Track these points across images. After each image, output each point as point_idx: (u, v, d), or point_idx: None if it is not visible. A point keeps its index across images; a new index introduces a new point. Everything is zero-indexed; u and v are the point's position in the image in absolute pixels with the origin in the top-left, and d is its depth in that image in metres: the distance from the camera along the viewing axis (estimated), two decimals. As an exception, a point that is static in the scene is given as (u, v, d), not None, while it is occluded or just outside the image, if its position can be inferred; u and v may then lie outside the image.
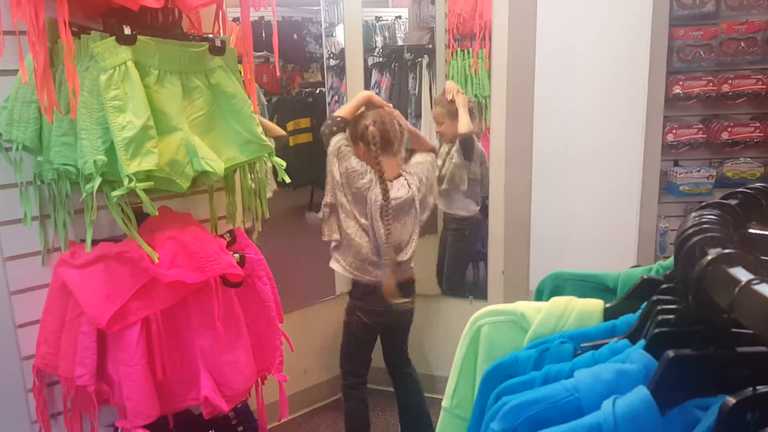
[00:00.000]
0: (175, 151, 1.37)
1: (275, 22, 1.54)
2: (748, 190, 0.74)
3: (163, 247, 1.41)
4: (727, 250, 0.55)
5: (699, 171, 2.49)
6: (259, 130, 1.52)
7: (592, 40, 2.36)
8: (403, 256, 2.24)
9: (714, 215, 0.67)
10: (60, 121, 1.37)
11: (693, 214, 0.68)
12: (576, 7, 2.36)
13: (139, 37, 1.33)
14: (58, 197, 1.54)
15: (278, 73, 2.27)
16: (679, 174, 2.50)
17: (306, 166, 3.10)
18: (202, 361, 1.51)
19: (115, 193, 1.29)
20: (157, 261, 1.39)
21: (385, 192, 2.14)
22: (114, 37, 1.29)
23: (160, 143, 1.33)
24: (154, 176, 1.34)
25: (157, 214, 1.36)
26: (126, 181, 1.27)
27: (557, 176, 2.49)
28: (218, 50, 1.46)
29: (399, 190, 2.20)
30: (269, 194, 1.84)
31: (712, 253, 0.56)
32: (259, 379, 1.71)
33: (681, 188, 2.49)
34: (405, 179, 2.23)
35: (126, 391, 1.44)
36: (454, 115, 2.62)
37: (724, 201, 0.72)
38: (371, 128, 2.15)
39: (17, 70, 1.40)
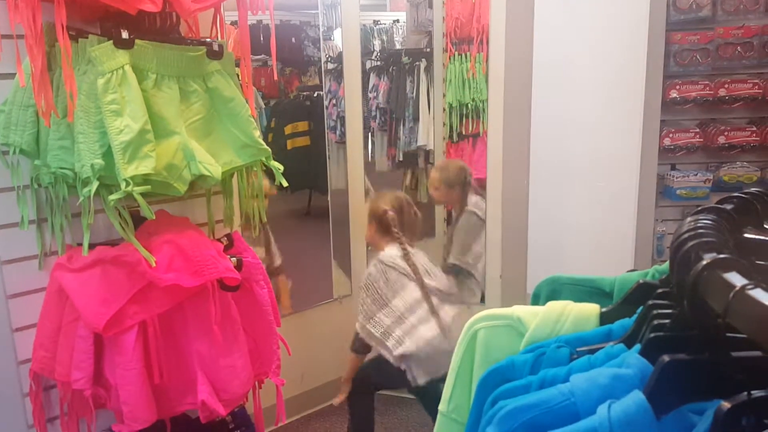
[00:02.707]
0: (172, 155, 1.37)
1: (273, 25, 1.54)
2: (743, 195, 0.75)
3: (160, 251, 1.41)
4: (721, 255, 0.56)
5: (696, 175, 2.50)
6: (257, 134, 1.53)
7: (589, 45, 2.36)
8: None
9: (709, 220, 0.67)
10: (57, 124, 1.37)
11: (688, 219, 0.68)
12: (573, 12, 2.36)
13: (136, 41, 1.33)
14: (55, 201, 1.54)
15: (275, 77, 2.26)
16: (676, 178, 2.50)
17: (304, 170, 3.11)
18: (199, 365, 1.50)
19: (112, 197, 1.29)
20: (154, 265, 1.39)
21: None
22: (111, 41, 1.30)
23: (157, 147, 1.33)
24: (152, 180, 1.34)
25: (154, 218, 1.36)
26: (123, 185, 1.27)
27: (555, 180, 2.50)
28: (216, 54, 1.47)
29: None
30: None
31: (707, 258, 0.56)
32: (256, 383, 1.70)
33: (678, 192, 2.50)
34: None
35: (123, 395, 1.44)
36: (451, 184, 2.72)
37: (720, 206, 0.72)
38: (390, 214, 2.22)
39: (15, 74, 1.40)
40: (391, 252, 2.22)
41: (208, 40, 1.52)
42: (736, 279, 0.52)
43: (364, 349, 2.26)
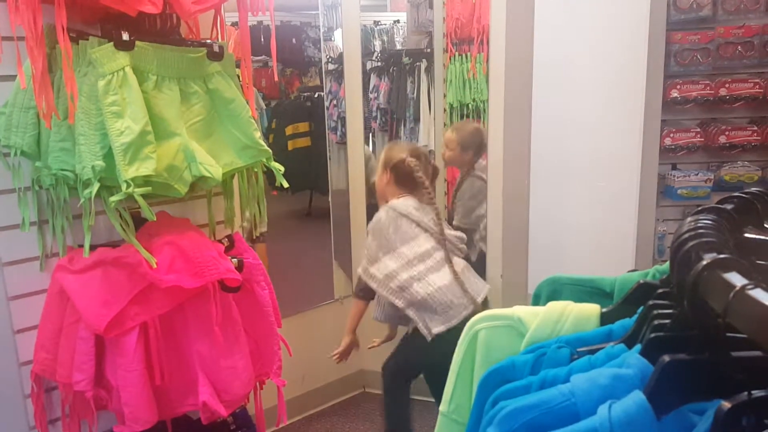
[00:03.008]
0: (173, 156, 1.37)
1: (273, 26, 1.54)
2: (743, 195, 0.75)
3: (161, 252, 1.41)
4: (722, 255, 0.55)
5: (697, 174, 2.49)
6: (257, 135, 1.53)
7: (589, 45, 2.36)
8: None
9: (710, 220, 0.67)
10: (58, 126, 1.37)
11: (689, 219, 0.68)
12: (573, 12, 2.36)
13: (137, 42, 1.34)
14: (56, 202, 1.54)
15: (276, 78, 2.26)
16: (677, 177, 2.50)
17: (305, 171, 3.11)
18: (200, 366, 1.51)
19: (113, 199, 1.29)
20: (155, 266, 1.39)
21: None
22: (112, 43, 1.30)
23: (158, 148, 1.33)
24: (152, 181, 1.34)
25: (155, 219, 1.37)
26: (124, 187, 1.27)
27: (555, 180, 2.49)
28: (216, 55, 1.47)
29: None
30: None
31: (707, 258, 0.56)
32: (257, 384, 1.71)
33: (679, 192, 2.49)
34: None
35: (124, 396, 1.44)
36: (466, 146, 2.67)
37: (720, 206, 0.72)
38: (410, 160, 2.13)
39: (15, 76, 1.41)
40: (406, 202, 2.14)
41: (208, 41, 1.52)
42: (736, 279, 0.52)
43: (366, 294, 2.20)
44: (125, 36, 1.32)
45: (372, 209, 2.95)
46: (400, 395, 2.29)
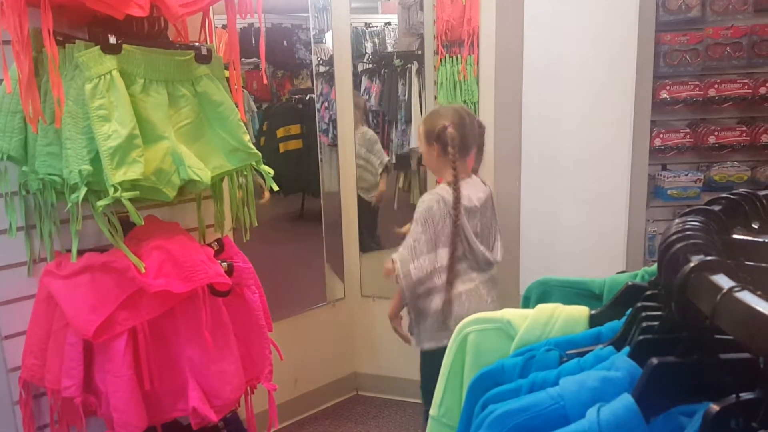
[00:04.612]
0: (161, 159, 1.36)
1: (262, 28, 1.54)
2: (731, 196, 0.75)
3: (150, 256, 1.40)
4: (709, 258, 0.55)
5: (687, 175, 2.50)
6: (246, 138, 1.52)
7: (579, 46, 2.37)
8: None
9: (697, 221, 0.67)
10: (45, 130, 1.36)
11: (676, 220, 0.68)
12: (563, 13, 2.37)
13: (124, 46, 1.33)
14: (43, 207, 1.53)
15: (265, 80, 2.25)
16: (667, 178, 2.50)
17: (296, 173, 3.09)
18: (190, 371, 1.50)
19: (100, 203, 1.28)
20: (143, 271, 1.38)
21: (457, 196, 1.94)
22: (99, 47, 1.29)
23: (146, 152, 1.33)
24: (140, 185, 1.33)
25: (143, 224, 1.36)
26: (111, 191, 1.26)
27: (546, 181, 2.50)
28: (204, 58, 1.46)
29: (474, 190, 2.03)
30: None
31: (695, 260, 0.56)
32: (248, 388, 1.70)
33: (669, 192, 2.50)
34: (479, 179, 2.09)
35: (113, 402, 1.43)
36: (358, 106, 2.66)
37: (708, 207, 0.72)
38: (450, 130, 1.95)
39: (1, 80, 1.39)
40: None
41: (196, 44, 1.51)
42: (724, 281, 0.52)
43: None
44: (112, 39, 1.31)
45: (363, 210, 2.95)
46: None
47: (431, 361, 1.96)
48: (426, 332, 2.00)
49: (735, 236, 0.70)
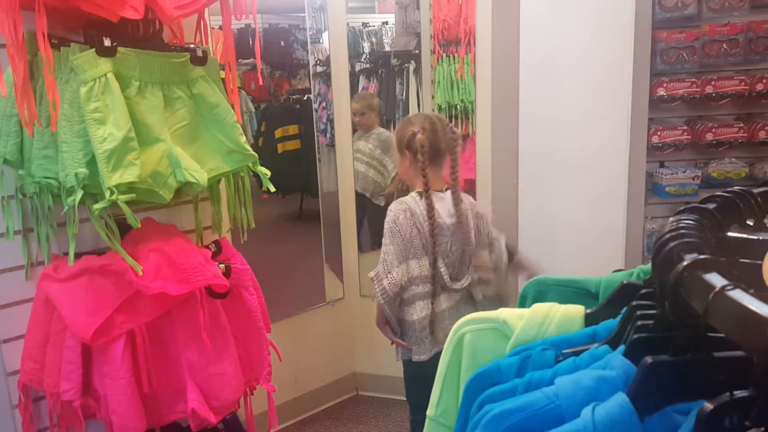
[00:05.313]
0: (157, 162, 1.36)
1: (258, 29, 1.54)
2: (726, 194, 0.75)
3: (147, 259, 1.40)
4: (702, 256, 0.55)
5: (684, 172, 2.50)
6: (243, 139, 1.52)
7: (576, 45, 2.37)
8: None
9: (692, 220, 0.67)
10: (41, 134, 1.36)
11: (671, 218, 0.68)
12: (559, 11, 2.37)
13: (119, 48, 1.33)
14: (40, 210, 1.52)
15: (261, 81, 2.24)
16: (665, 175, 2.50)
17: (294, 173, 3.09)
18: (188, 373, 1.50)
19: (96, 206, 1.28)
20: (140, 273, 1.38)
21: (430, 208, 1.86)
22: (94, 49, 1.29)
23: (142, 155, 1.32)
24: (137, 188, 1.33)
25: (139, 226, 1.36)
26: (108, 194, 1.26)
27: (544, 179, 2.50)
28: (200, 60, 1.46)
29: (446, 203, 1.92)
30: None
31: (688, 258, 0.56)
32: (247, 389, 1.70)
33: (667, 189, 2.50)
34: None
35: (112, 404, 1.43)
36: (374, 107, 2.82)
37: (702, 205, 0.72)
38: (419, 136, 1.85)
39: (-3, 84, 1.39)
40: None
41: (191, 45, 1.51)
42: (717, 280, 0.52)
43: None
44: (107, 42, 1.31)
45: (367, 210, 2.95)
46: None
47: (410, 371, 2.01)
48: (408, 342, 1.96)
49: (730, 234, 0.70)
